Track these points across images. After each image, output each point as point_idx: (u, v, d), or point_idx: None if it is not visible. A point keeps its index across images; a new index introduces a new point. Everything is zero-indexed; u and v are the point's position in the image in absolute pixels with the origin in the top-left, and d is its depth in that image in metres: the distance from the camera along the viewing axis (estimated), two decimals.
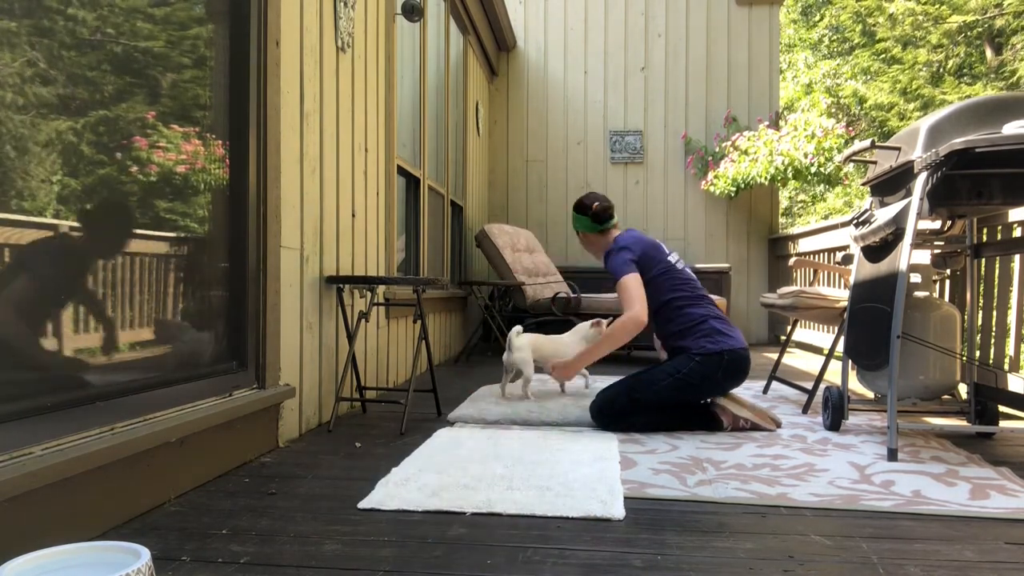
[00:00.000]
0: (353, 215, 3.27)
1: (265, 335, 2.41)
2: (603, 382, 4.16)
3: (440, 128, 5.36)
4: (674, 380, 2.81)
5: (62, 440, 1.53)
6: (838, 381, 2.95)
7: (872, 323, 2.56)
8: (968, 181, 2.40)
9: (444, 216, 5.47)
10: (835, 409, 2.81)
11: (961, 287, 3.20)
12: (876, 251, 2.66)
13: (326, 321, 2.94)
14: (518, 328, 3.31)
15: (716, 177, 6.51)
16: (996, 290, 3.19)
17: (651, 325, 3.05)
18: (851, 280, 2.88)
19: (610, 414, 2.80)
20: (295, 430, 2.65)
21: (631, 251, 3.02)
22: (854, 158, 2.83)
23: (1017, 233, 3.07)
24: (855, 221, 2.81)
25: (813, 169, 6.00)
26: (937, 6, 13.08)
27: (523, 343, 3.28)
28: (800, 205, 17.06)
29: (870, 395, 3.17)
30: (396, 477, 2.08)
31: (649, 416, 2.80)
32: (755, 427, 2.83)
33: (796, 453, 2.46)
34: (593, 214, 3.17)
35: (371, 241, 3.56)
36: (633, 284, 2.94)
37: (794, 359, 5.78)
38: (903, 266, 2.39)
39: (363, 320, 2.95)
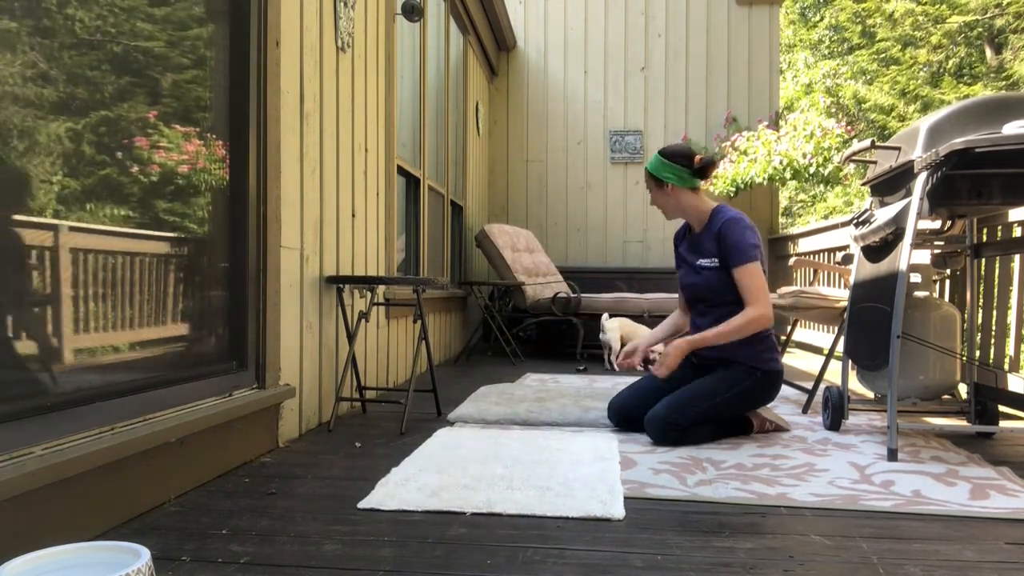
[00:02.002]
0: (353, 215, 3.27)
1: (265, 335, 2.41)
2: (602, 382, 4.16)
3: (440, 128, 5.36)
4: (736, 393, 2.65)
5: (62, 440, 1.53)
6: (838, 381, 2.95)
7: (872, 323, 2.56)
8: (968, 181, 2.40)
9: (444, 216, 5.47)
10: (835, 409, 2.81)
11: (961, 287, 3.20)
12: (876, 251, 2.66)
13: (326, 321, 2.94)
14: (607, 314, 4.64)
15: (715, 177, 6.51)
16: (996, 290, 3.19)
17: (697, 317, 2.86)
18: (851, 280, 2.88)
19: (678, 426, 2.56)
20: (295, 430, 2.65)
21: (756, 234, 2.74)
22: (854, 158, 2.83)
23: (1017, 233, 3.07)
24: (855, 221, 2.81)
25: (811, 170, 6.00)
26: (937, 6, 13.08)
27: (613, 325, 4.59)
28: (800, 205, 17.06)
29: (870, 395, 3.17)
30: (396, 477, 2.08)
31: (708, 428, 2.64)
32: (777, 428, 2.83)
33: (796, 453, 2.46)
34: (698, 168, 2.78)
35: (371, 241, 3.56)
36: (762, 275, 2.67)
37: (794, 359, 5.78)
38: (903, 266, 2.39)
39: (363, 320, 2.95)
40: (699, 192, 2.83)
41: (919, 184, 2.38)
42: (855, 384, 3.42)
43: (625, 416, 2.82)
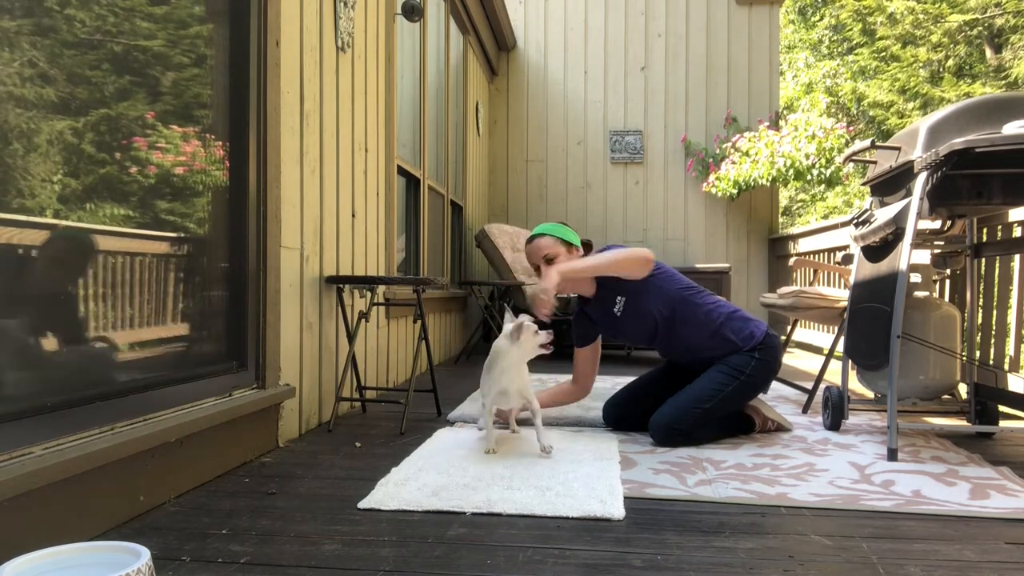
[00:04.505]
0: (353, 215, 3.27)
1: (265, 335, 2.41)
2: (603, 382, 4.16)
3: (440, 128, 5.36)
4: (741, 384, 2.61)
5: (62, 440, 1.53)
6: (838, 381, 2.95)
7: (872, 323, 2.56)
8: (968, 181, 2.40)
9: (444, 216, 5.47)
10: (835, 409, 2.81)
11: (961, 287, 3.20)
12: (876, 251, 2.66)
13: (326, 321, 2.94)
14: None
15: (717, 179, 6.51)
16: (996, 290, 3.19)
17: (672, 356, 2.86)
18: (851, 280, 2.88)
19: (682, 431, 2.54)
20: (295, 430, 2.65)
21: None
22: (854, 158, 2.83)
23: (1017, 233, 3.07)
24: (855, 221, 2.81)
25: (815, 171, 5.99)
26: (937, 5, 13.08)
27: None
28: (800, 205, 17.07)
29: (870, 395, 3.17)
30: (396, 477, 2.08)
31: (713, 428, 2.63)
32: (779, 428, 2.82)
33: (796, 453, 2.46)
34: (583, 241, 2.87)
35: (371, 241, 3.56)
36: (623, 249, 2.69)
37: (794, 359, 5.78)
38: (903, 266, 2.39)
39: (363, 320, 2.95)
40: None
41: (919, 184, 2.38)
42: (855, 384, 3.42)
43: (620, 418, 2.84)
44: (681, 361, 2.85)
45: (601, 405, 3.19)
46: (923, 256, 3.00)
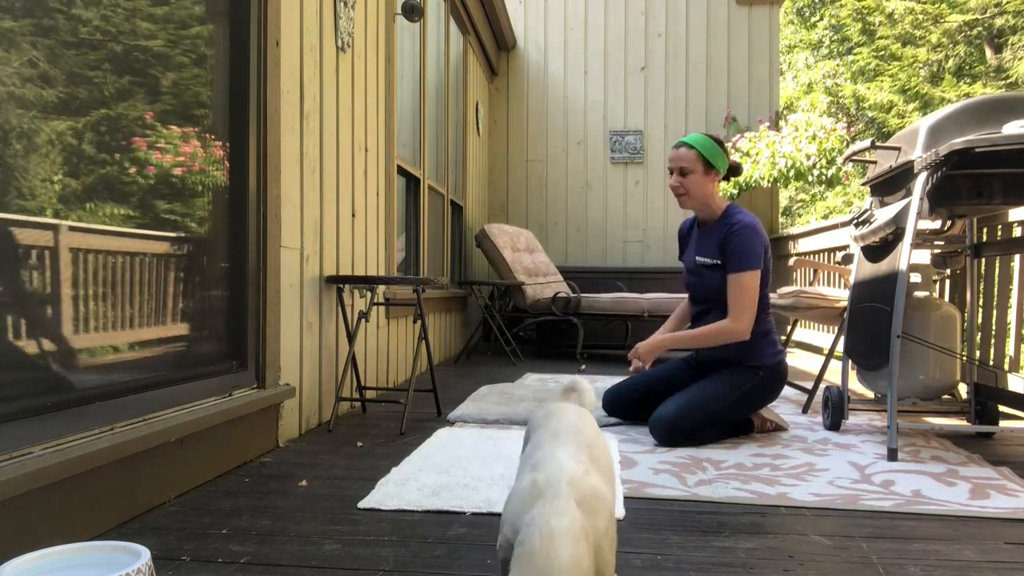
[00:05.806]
0: (353, 215, 3.27)
1: (265, 335, 2.41)
2: (603, 382, 4.16)
3: (440, 128, 5.36)
4: (742, 396, 2.64)
5: (62, 440, 1.53)
6: (838, 381, 2.95)
7: (872, 323, 2.56)
8: (968, 181, 2.40)
9: (444, 216, 5.47)
10: (835, 409, 2.81)
11: (961, 287, 3.20)
12: (876, 251, 2.66)
13: (326, 321, 2.94)
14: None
15: None
16: (996, 290, 3.19)
17: (698, 315, 2.85)
18: (851, 280, 2.88)
19: (682, 432, 2.55)
20: (295, 430, 2.65)
21: (763, 245, 2.67)
22: (854, 158, 2.83)
23: (1017, 233, 3.07)
24: (855, 221, 2.81)
25: (816, 171, 6.00)
26: (937, 5, 13.08)
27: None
28: (800, 205, 17.07)
29: (870, 395, 3.17)
30: (396, 477, 2.08)
31: (714, 430, 2.64)
32: (777, 428, 2.83)
33: (796, 453, 2.46)
34: (731, 165, 2.76)
35: (371, 241, 3.56)
36: (755, 288, 2.61)
37: (794, 359, 5.78)
38: (903, 266, 2.39)
39: (363, 320, 2.95)
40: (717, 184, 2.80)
41: (919, 184, 2.38)
42: (855, 384, 3.42)
43: (617, 402, 2.89)
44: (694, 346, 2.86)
45: (600, 405, 3.20)
46: (923, 256, 3.00)
